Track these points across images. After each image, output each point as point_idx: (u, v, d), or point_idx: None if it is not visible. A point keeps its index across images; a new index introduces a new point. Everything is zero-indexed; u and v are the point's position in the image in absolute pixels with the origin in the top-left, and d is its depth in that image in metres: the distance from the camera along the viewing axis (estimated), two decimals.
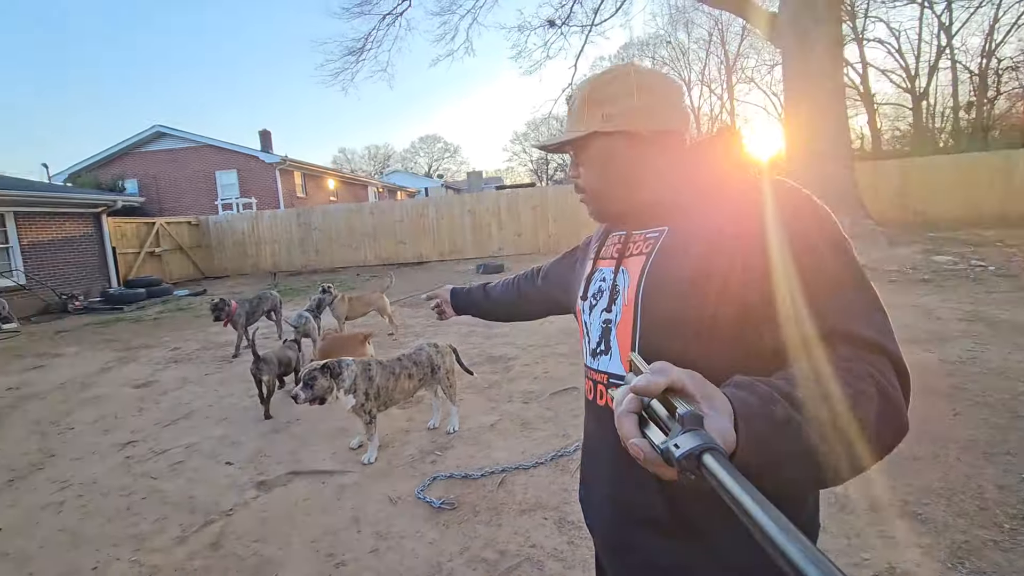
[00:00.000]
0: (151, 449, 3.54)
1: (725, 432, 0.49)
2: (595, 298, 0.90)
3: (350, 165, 56.09)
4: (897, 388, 0.62)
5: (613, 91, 0.85)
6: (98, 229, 11.57)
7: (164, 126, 19.59)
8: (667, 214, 0.84)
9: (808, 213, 0.73)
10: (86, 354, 6.61)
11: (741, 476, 0.40)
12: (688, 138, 0.89)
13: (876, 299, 0.69)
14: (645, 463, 0.50)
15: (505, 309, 1.42)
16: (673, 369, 0.52)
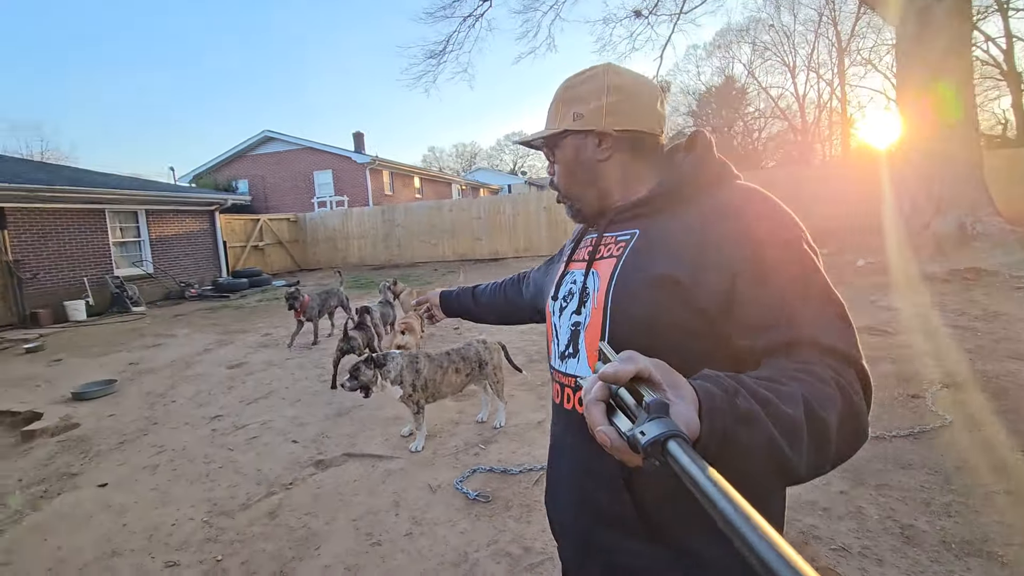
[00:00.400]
0: (233, 423, 3.93)
1: (690, 420, 0.50)
2: (565, 300, 0.91)
3: (438, 163, 58.17)
4: (860, 395, 0.63)
5: (585, 90, 0.86)
6: (212, 225, 12.96)
7: (271, 131, 21.47)
8: (639, 217, 0.84)
9: (772, 222, 0.74)
10: (194, 336, 7.45)
11: (704, 462, 0.41)
12: (663, 141, 0.89)
13: (841, 309, 0.69)
14: (612, 450, 0.51)
15: (492, 313, 1.43)
16: (640, 358, 0.53)
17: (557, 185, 0.94)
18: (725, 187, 0.80)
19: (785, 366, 0.64)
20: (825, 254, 8.10)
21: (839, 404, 0.60)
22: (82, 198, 9.72)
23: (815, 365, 0.63)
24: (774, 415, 0.56)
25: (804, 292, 0.69)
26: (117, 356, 6.47)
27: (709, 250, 0.73)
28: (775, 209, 0.76)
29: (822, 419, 0.58)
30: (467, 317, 1.48)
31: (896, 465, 2.64)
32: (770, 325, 0.68)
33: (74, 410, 4.42)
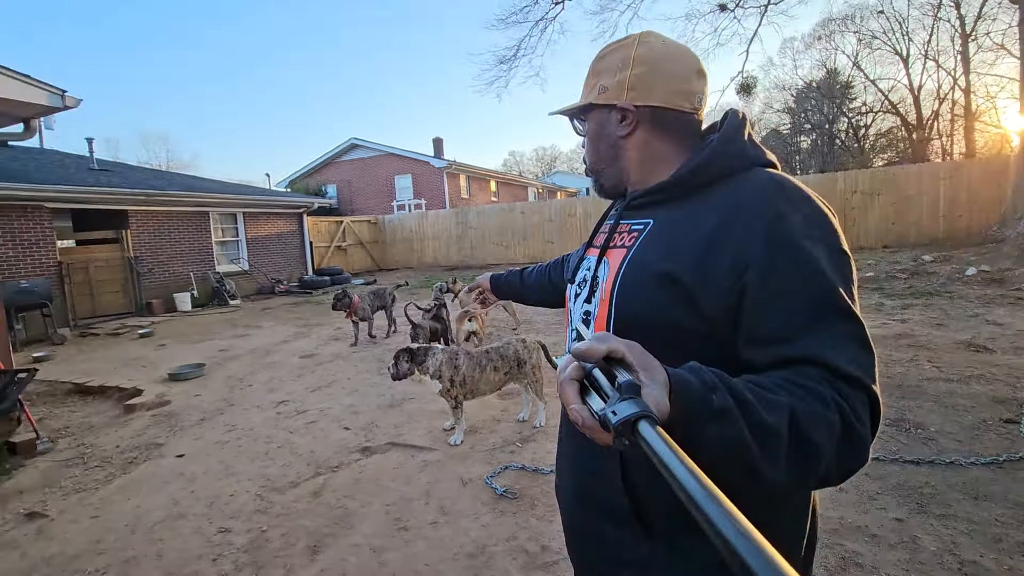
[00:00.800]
0: (296, 408, 4.24)
1: (660, 402, 0.50)
2: (580, 287, 0.89)
3: (519, 167, 58.93)
4: (866, 424, 0.60)
5: (611, 61, 0.82)
6: (300, 226, 14.00)
7: (357, 138, 22.81)
8: (656, 204, 0.80)
9: (797, 220, 0.66)
10: (277, 328, 8.09)
11: (672, 443, 0.42)
12: (701, 118, 0.83)
13: (860, 328, 0.63)
14: (583, 428, 0.51)
15: (537, 296, 1.42)
16: (614, 339, 0.53)
17: (584, 159, 0.91)
18: (750, 175, 0.73)
19: (783, 377, 0.61)
20: (928, 261, 7.31)
21: (836, 428, 0.57)
22: (191, 201, 10.89)
23: (816, 384, 0.59)
24: (751, 419, 0.55)
25: (820, 306, 0.63)
26: (211, 343, 7.18)
27: (719, 249, 0.67)
28: (804, 204, 0.68)
29: (807, 437, 0.56)
30: (516, 299, 1.48)
31: (969, 495, 2.35)
32: (777, 339, 0.64)
33: (168, 389, 4.98)
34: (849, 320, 0.63)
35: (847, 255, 0.67)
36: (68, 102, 3.85)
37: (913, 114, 29.55)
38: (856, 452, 0.59)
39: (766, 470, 0.56)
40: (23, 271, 8.12)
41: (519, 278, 1.45)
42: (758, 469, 0.56)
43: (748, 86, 20.95)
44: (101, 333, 8.26)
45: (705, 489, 0.37)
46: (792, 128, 34.71)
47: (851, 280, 0.66)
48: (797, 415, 0.56)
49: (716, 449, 0.54)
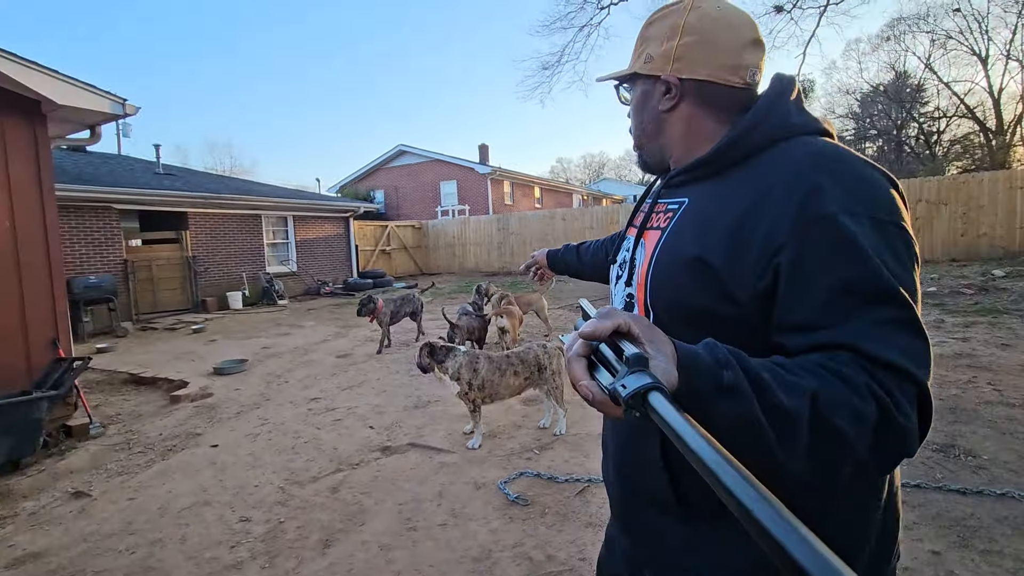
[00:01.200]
0: (326, 406, 4.37)
1: (668, 374, 0.50)
2: (621, 268, 0.87)
3: (566, 174, 58.85)
4: (910, 417, 0.55)
5: (659, 29, 0.78)
6: (346, 230, 14.48)
7: (405, 145, 23.40)
8: (693, 182, 0.77)
9: (844, 190, 0.61)
10: (318, 327, 8.37)
11: (682, 412, 0.42)
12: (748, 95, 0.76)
13: (908, 312, 0.58)
14: (594, 403, 0.51)
15: (593, 271, 1.39)
16: (619, 313, 0.53)
17: (629, 130, 0.88)
18: (792, 146, 0.68)
19: (814, 362, 0.57)
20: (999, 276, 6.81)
21: (869, 417, 0.54)
22: (244, 205, 11.46)
23: (849, 370, 0.55)
24: (766, 400, 0.53)
25: (859, 289, 0.57)
26: (256, 340, 7.51)
27: (749, 229, 0.63)
28: (849, 174, 0.62)
29: (830, 424, 0.53)
30: (572, 274, 1.46)
31: (1019, 531, 2.14)
32: (810, 326, 0.60)
33: (212, 382, 5.23)
34: (895, 304, 0.57)
35: (902, 229, 0.61)
36: (128, 109, 4.13)
37: (993, 119, 27.42)
38: (897, 443, 0.55)
39: (783, 456, 0.54)
40: (92, 267, 8.77)
41: (575, 254, 1.43)
42: (775, 454, 0.54)
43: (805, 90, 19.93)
44: (159, 327, 8.80)
45: (719, 455, 0.37)
46: (856, 134, 32.98)
47: (905, 258, 0.60)
48: (820, 400, 0.53)
49: (728, 428, 0.52)
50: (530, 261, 1.55)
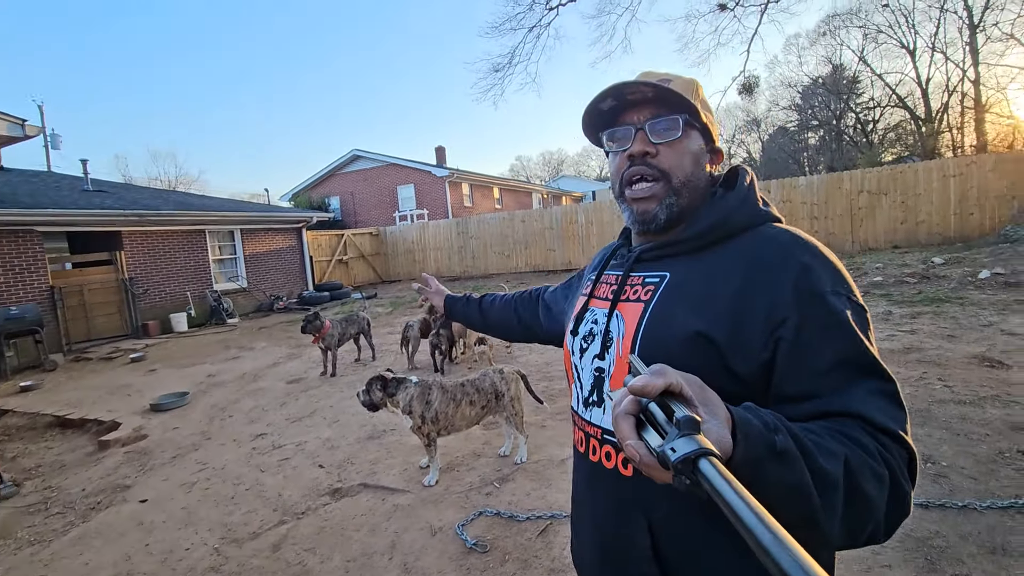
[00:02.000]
0: (272, 443, 4.07)
1: (722, 440, 0.49)
2: (586, 340, 0.84)
3: (525, 172, 59.00)
4: (908, 480, 0.60)
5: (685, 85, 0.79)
6: (299, 241, 13.93)
7: (360, 149, 22.82)
8: (669, 257, 0.78)
9: (821, 275, 0.67)
10: (270, 349, 7.96)
11: (737, 483, 0.41)
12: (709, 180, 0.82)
13: (893, 386, 0.63)
14: (640, 465, 0.50)
15: (499, 330, 1.36)
16: (672, 372, 0.52)
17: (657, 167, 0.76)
18: (766, 230, 0.73)
19: (828, 427, 0.59)
20: (939, 264, 7.04)
21: (886, 481, 0.57)
22: (187, 220, 10.83)
23: (859, 435, 0.58)
24: (812, 464, 0.54)
25: (855, 363, 0.63)
26: (201, 367, 7.06)
27: (751, 304, 0.67)
28: (824, 260, 0.69)
29: (861, 488, 0.55)
30: (468, 325, 1.43)
31: (985, 548, 2.10)
32: (814, 393, 0.63)
33: (148, 421, 4.84)
34: (882, 378, 0.63)
35: (864, 309, 0.67)
36: (29, 131, 3.77)
37: (922, 108, 29.16)
38: (901, 507, 0.59)
39: (824, 521, 0.54)
40: (14, 297, 8.06)
41: (477, 308, 1.40)
42: (817, 519, 0.54)
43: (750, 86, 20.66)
44: (94, 357, 8.18)
45: (774, 533, 0.36)
46: (799, 125, 34.45)
47: (871, 334, 0.66)
48: (851, 465, 0.55)
49: (777, 495, 0.51)
50: (425, 290, 1.51)
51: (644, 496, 0.73)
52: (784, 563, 0.34)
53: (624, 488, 0.75)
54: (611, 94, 0.77)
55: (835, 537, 0.56)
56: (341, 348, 6.32)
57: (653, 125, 0.76)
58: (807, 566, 0.34)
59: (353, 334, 6.45)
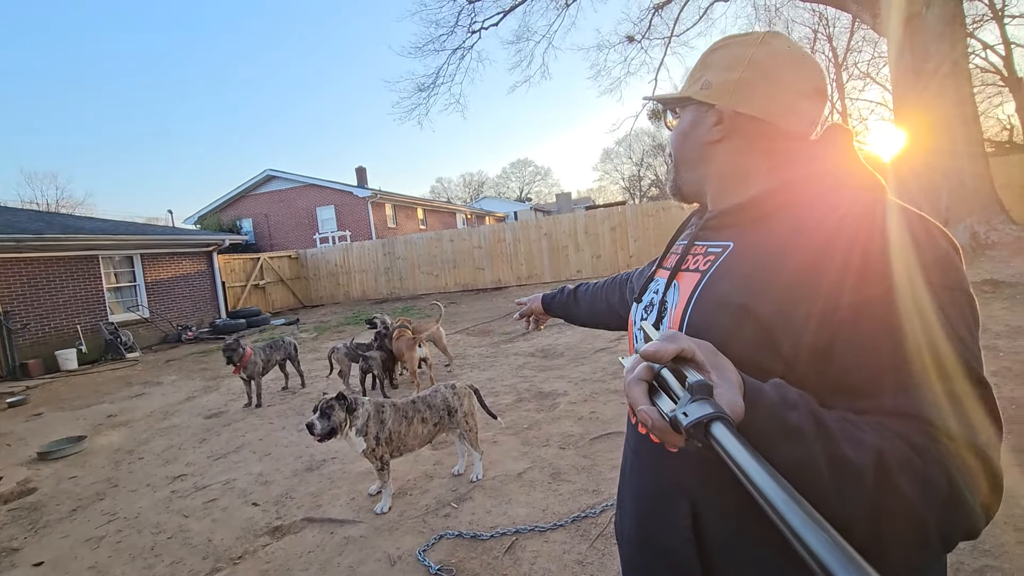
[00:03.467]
0: (195, 484, 3.66)
1: (734, 404, 0.48)
2: (647, 310, 0.82)
3: (447, 194, 58.93)
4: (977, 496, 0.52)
5: (722, 57, 0.75)
6: (209, 266, 12.92)
7: (274, 169, 21.74)
8: (737, 225, 0.73)
9: (904, 259, 0.57)
10: (181, 383, 7.23)
11: (749, 445, 0.41)
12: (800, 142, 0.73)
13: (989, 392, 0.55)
14: (653, 430, 0.50)
15: (589, 316, 1.34)
16: (684, 337, 0.52)
17: (669, 152, 0.85)
18: (848, 199, 0.63)
19: (877, 422, 0.54)
20: None
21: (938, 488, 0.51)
22: (74, 245, 9.69)
23: (916, 436, 0.52)
24: (829, 448, 0.51)
25: (939, 361, 0.54)
26: (98, 408, 6.26)
27: (807, 285, 0.60)
28: (913, 237, 0.58)
29: (896, 486, 0.50)
30: (567, 319, 1.41)
31: None
32: (876, 391, 0.56)
33: (36, 472, 4.19)
34: (971, 380, 0.54)
35: (967, 296, 0.58)
36: None
37: None
38: (964, 520, 0.52)
39: (838, 506, 0.51)
40: None
41: (574, 298, 1.38)
42: (830, 506, 0.50)
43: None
44: None
45: (786, 494, 0.36)
46: None
47: (976, 329, 0.57)
48: (886, 459, 0.51)
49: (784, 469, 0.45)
50: (524, 310, 1.48)
51: (689, 475, 0.71)
52: (796, 524, 0.34)
53: (668, 464, 0.73)
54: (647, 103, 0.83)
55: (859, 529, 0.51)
56: (266, 377, 5.86)
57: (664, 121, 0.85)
58: (819, 526, 0.33)
59: (279, 360, 5.99)
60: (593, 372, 5.21)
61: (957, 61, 8.79)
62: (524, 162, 62.75)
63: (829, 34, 29.64)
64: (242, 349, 5.33)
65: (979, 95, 24.25)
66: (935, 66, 8.63)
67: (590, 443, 3.53)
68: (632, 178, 50.52)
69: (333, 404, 2.80)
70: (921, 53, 8.75)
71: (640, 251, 13.93)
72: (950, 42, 8.65)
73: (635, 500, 0.81)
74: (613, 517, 0.90)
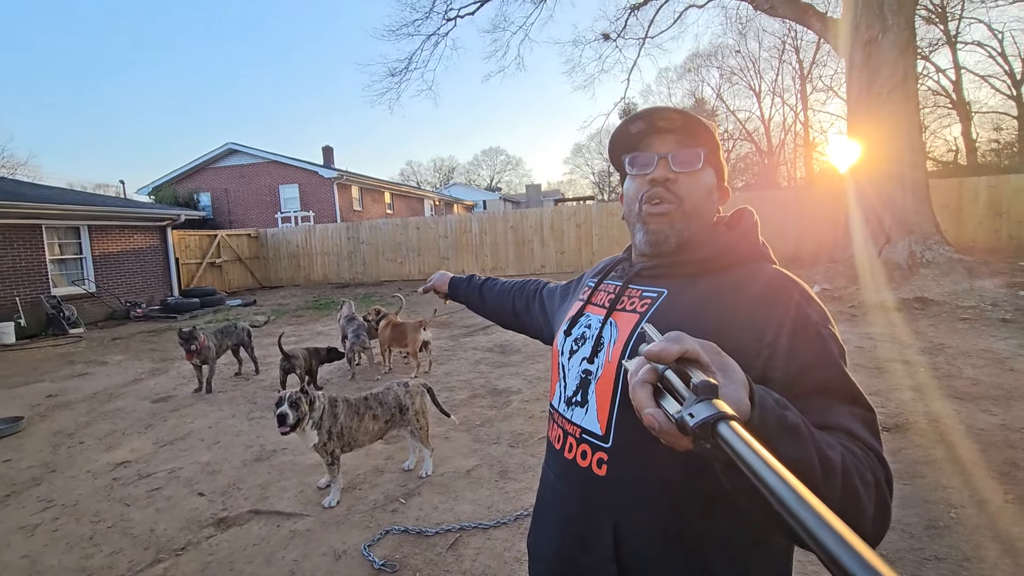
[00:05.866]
0: (138, 472, 3.60)
1: (740, 402, 0.50)
2: (577, 343, 0.87)
3: (416, 177, 58.08)
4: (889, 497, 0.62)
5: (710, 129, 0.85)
6: (163, 241, 12.44)
7: (235, 143, 20.95)
8: (670, 276, 0.83)
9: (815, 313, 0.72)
10: (128, 363, 7.00)
11: (757, 444, 0.41)
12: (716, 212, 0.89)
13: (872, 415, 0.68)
14: (659, 432, 0.50)
15: (494, 315, 1.42)
16: (688, 338, 0.53)
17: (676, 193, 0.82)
18: (764, 268, 0.79)
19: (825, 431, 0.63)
20: None
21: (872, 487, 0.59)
22: (15, 213, 9.16)
23: (850, 443, 0.62)
24: (818, 447, 0.56)
25: (842, 390, 0.67)
26: (36, 387, 6.01)
27: (744, 328, 0.71)
28: (813, 301, 0.74)
29: (854, 483, 0.57)
30: (468, 305, 1.47)
31: None
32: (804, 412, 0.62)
33: None
34: (865, 408, 0.67)
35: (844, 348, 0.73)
36: None
37: (765, 142, 34.11)
38: (884, 517, 0.61)
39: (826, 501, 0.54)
40: None
41: (478, 292, 1.45)
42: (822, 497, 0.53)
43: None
44: None
45: (796, 492, 0.36)
46: None
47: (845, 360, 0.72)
48: (846, 460, 0.58)
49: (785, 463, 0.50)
50: (428, 285, 1.56)
51: (615, 498, 0.76)
52: (808, 521, 0.34)
53: (596, 488, 0.78)
54: (643, 117, 0.81)
55: None
56: (219, 361, 5.74)
57: (676, 155, 0.81)
58: (832, 523, 0.33)
59: (230, 346, 5.84)
60: (547, 370, 5.35)
61: (908, 86, 9.28)
62: (496, 150, 62.58)
63: (796, 46, 30.67)
64: (196, 338, 5.14)
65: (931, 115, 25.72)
66: (887, 87, 9.09)
67: (539, 442, 3.65)
68: (602, 173, 51.04)
69: (300, 396, 2.82)
70: (875, 75, 9.19)
71: (603, 249, 14.18)
72: (903, 67, 9.12)
73: (558, 524, 0.85)
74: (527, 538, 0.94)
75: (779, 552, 0.76)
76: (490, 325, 8.07)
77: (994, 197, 12.08)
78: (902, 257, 8.94)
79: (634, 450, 0.74)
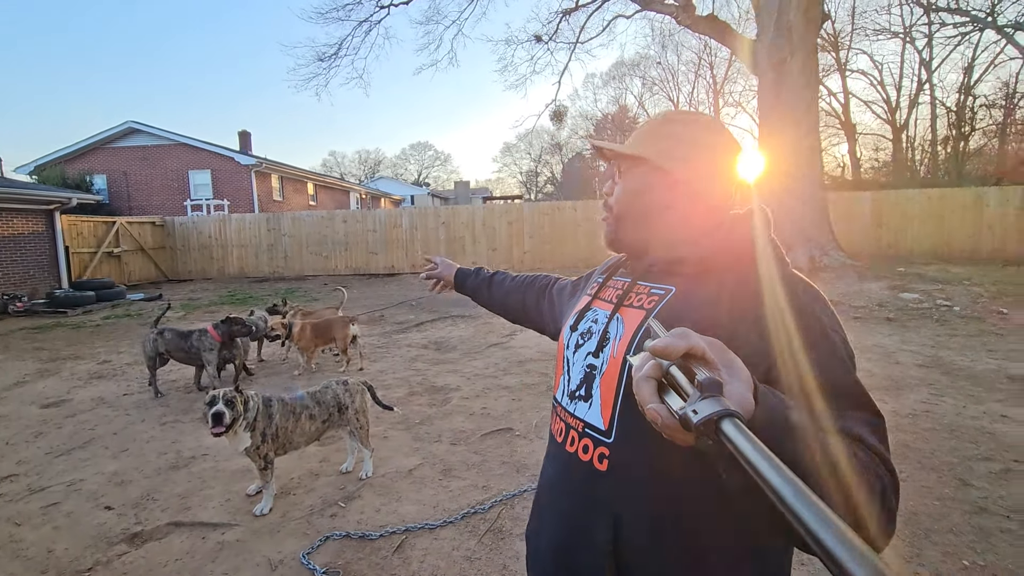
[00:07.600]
0: (29, 486, 3.18)
1: (744, 400, 0.49)
2: (583, 337, 0.88)
3: (340, 169, 55.85)
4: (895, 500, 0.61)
5: (679, 131, 0.85)
6: (50, 227, 11.09)
7: (137, 122, 19.11)
8: (678, 273, 0.82)
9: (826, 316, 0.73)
10: (7, 364, 6.17)
11: (760, 443, 0.41)
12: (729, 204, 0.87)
13: (882, 418, 0.67)
14: (662, 428, 0.50)
15: (500, 308, 1.41)
16: (693, 335, 0.52)
17: (611, 204, 0.90)
18: (774, 267, 0.78)
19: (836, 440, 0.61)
20: None
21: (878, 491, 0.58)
22: None
23: (856, 447, 0.61)
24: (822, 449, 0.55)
25: (852, 394, 0.67)
26: None
27: (746, 329, 0.70)
28: (826, 305, 0.74)
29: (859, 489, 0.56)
30: (474, 299, 1.46)
31: None
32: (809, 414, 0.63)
33: None
34: (875, 413, 0.67)
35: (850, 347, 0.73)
36: None
37: None
38: (890, 521, 0.60)
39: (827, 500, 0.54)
40: None
41: (487, 285, 1.43)
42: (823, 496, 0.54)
43: (560, 114, 23.00)
44: None
45: (799, 492, 0.36)
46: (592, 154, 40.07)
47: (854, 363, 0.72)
48: (852, 462, 0.57)
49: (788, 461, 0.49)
50: (435, 273, 1.51)
51: (615, 493, 0.76)
52: (811, 522, 0.34)
53: (596, 482, 0.78)
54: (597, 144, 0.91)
55: None
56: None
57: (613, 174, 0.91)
58: (833, 522, 0.33)
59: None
60: (486, 367, 5.34)
61: (810, 104, 10.20)
62: (424, 145, 61.45)
63: (711, 62, 32.82)
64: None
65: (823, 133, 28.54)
66: (793, 105, 9.94)
67: (481, 439, 3.64)
68: (529, 173, 51.79)
69: (236, 395, 2.62)
70: (784, 92, 10.02)
71: (535, 248, 14.40)
72: (808, 85, 10.02)
73: (558, 517, 0.85)
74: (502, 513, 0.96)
75: (779, 552, 0.77)
76: (424, 322, 7.93)
77: (876, 210, 13.59)
78: (803, 262, 9.82)
79: (636, 446, 0.75)
